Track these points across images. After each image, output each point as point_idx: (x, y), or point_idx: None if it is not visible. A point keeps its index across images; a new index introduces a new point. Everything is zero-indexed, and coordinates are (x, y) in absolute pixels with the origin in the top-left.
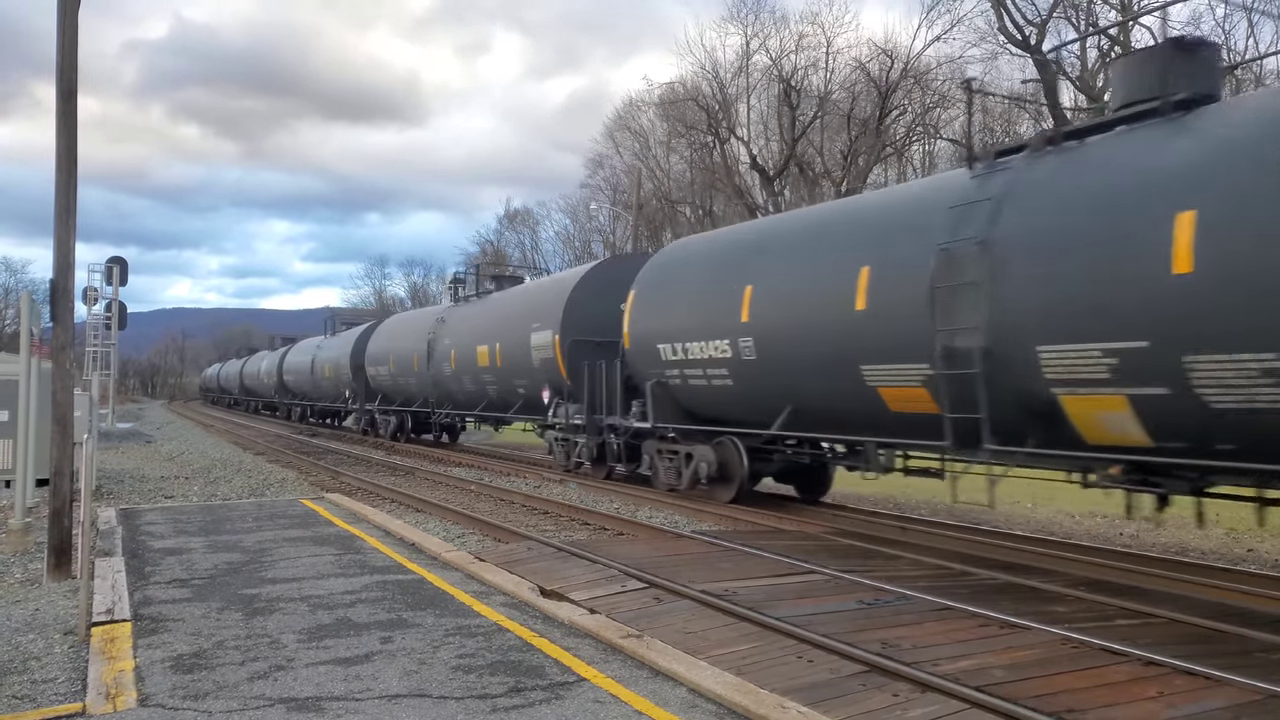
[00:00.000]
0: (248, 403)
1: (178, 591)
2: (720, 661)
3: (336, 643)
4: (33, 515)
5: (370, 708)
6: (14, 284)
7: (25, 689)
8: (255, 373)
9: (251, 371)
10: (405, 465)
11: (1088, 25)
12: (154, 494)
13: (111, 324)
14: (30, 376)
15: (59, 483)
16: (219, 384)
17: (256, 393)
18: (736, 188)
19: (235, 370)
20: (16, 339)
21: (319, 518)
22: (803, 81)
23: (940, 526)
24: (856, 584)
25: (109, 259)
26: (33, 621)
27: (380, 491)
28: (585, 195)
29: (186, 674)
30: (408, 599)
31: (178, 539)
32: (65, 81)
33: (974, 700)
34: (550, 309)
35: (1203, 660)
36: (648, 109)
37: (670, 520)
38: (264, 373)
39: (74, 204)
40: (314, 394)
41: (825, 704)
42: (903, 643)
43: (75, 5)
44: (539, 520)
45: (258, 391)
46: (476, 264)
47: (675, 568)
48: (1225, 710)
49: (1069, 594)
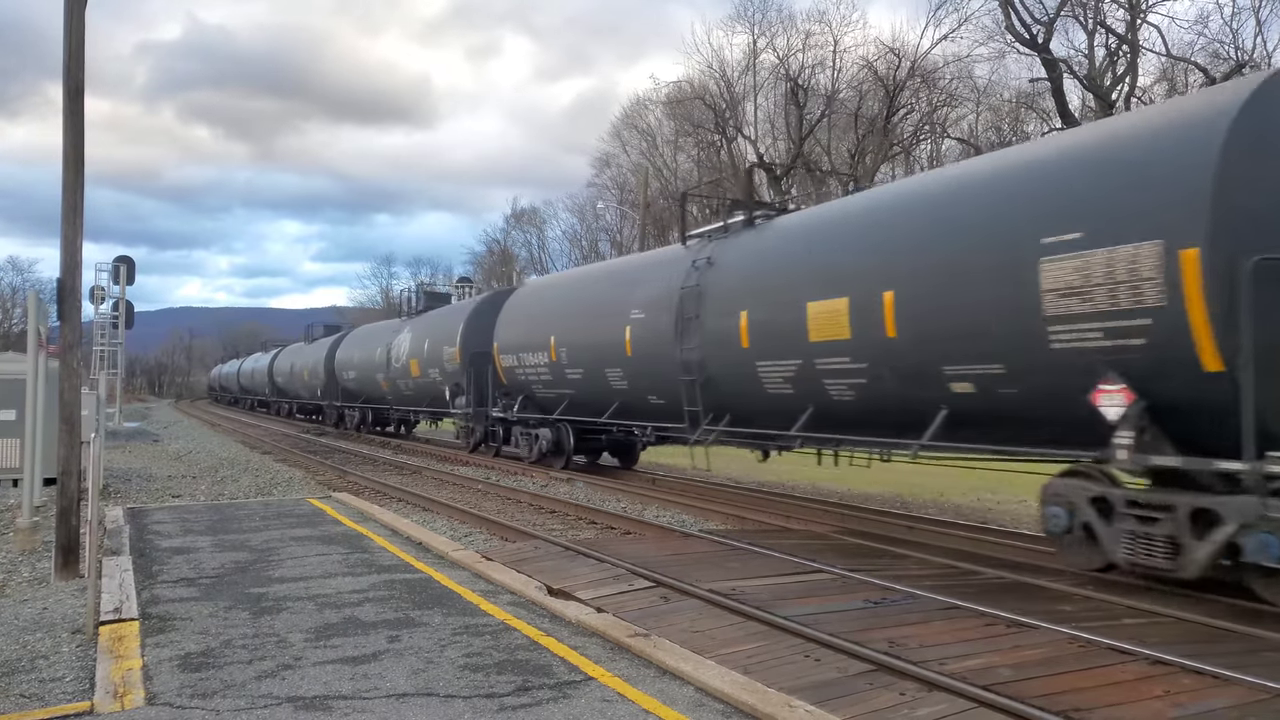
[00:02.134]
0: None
1: (185, 590)
2: (727, 660)
3: (344, 641)
4: (40, 514)
5: (378, 706)
6: (21, 283)
7: (33, 688)
8: (250, 373)
9: (247, 372)
10: (413, 464)
11: (1095, 23)
12: (161, 493)
13: (119, 323)
14: (38, 375)
15: (66, 482)
16: (221, 383)
17: (252, 391)
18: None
19: (234, 370)
20: (24, 338)
21: (326, 517)
22: (810, 80)
23: (948, 525)
24: (864, 583)
25: (116, 258)
26: (40, 620)
27: (387, 490)
28: (592, 194)
29: (194, 673)
30: (415, 598)
31: (185, 538)
32: (72, 80)
33: (981, 699)
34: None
35: (1210, 659)
36: (655, 108)
37: (677, 520)
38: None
39: (81, 203)
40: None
41: (832, 703)
42: (909, 642)
43: (82, 4)
44: (546, 519)
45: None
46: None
47: (682, 567)
48: (1232, 709)
49: (1076, 593)
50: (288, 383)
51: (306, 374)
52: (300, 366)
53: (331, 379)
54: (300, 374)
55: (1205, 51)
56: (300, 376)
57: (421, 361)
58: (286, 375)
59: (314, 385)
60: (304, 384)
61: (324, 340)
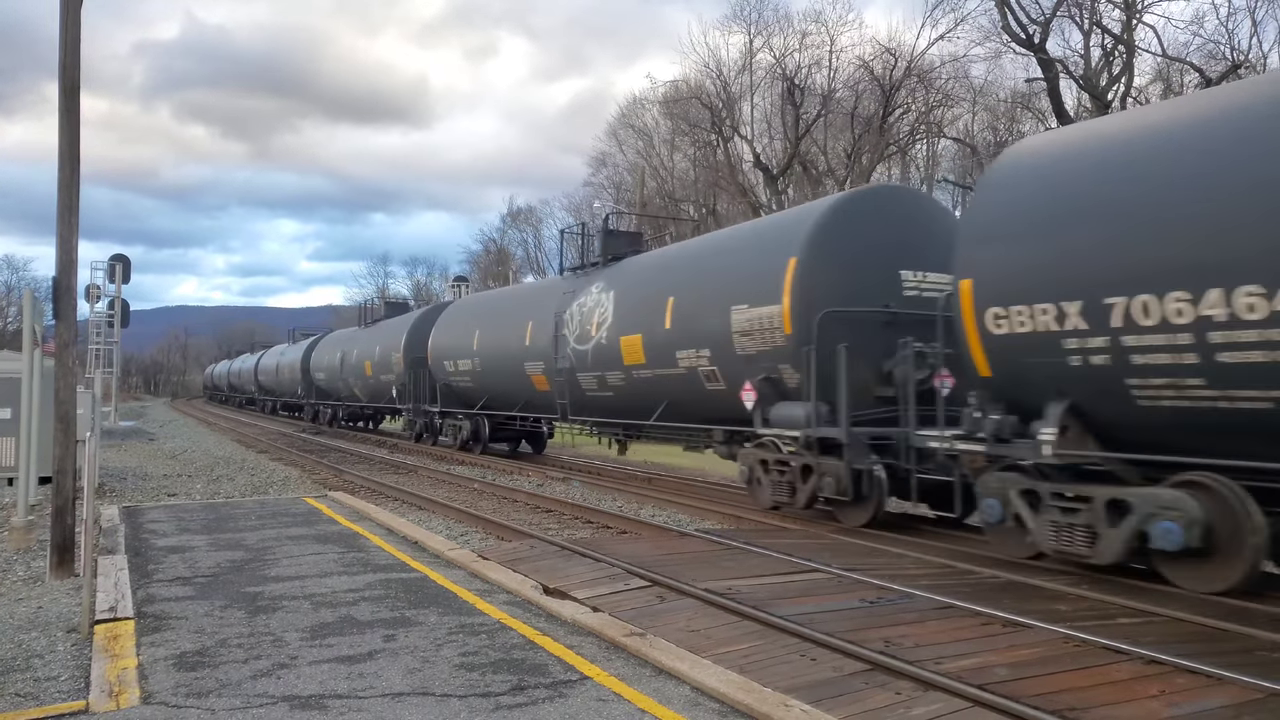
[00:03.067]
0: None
1: (181, 589)
2: (723, 660)
3: (340, 641)
4: (35, 513)
5: (373, 706)
6: (17, 281)
7: (28, 687)
8: (239, 373)
9: (236, 371)
10: (409, 464)
11: (1091, 23)
12: (157, 492)
13: (114, 321)
14: (33, 374)
15: (62, 480)
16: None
17: (240, 390)
18: (740, 186)
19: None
20: (19, 336)
21: (322, 516)
22: (806, 80)
23: (946, 525)
24: (860, 582)
25: (111, 256)
26: (36, 619)
27: (383, 489)
28: (589, 194)
29: (190, 672)
30: (411, 597)
31: (181, 537)
32: (68, 78)
33: (976, 699)
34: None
35: (1205, 659)
36: (651, 107)
37: (674, 519)
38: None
39: (76, 201)
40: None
41: (828, 702)
42: (905, 641)
43: (78, 2)
44: (542, 518)
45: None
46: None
47: (678, 566)
48: (1227, 709)
49: (1071, 592)
50: (271, 382)
51: (287, 374)
52: (282, 367)
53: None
54: (282, 374)
55: (1201, 52)
56: (282, 376)
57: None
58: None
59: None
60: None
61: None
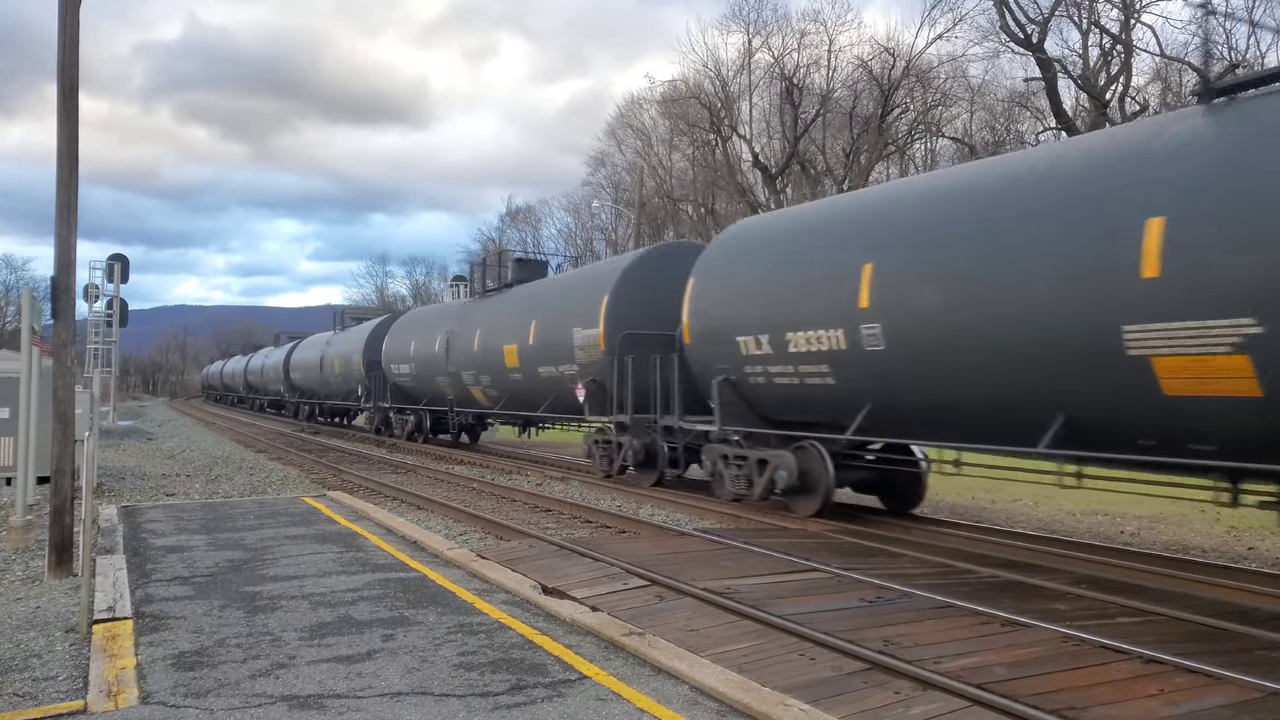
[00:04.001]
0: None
1: (179, 589)
2: (722, 659)
3: (338, 640)
4: (34, 513)
5: (372, 705)
6: (15, 281)
7: (27, 687)
8: (232, 373)
9: (229, 372)
10: (408, 463)
11: (1089, 23)
12: (155, 492)
13: (113, 321)
14: (31, 374)
15: (60, 480)
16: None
17: (233, 389)
18: (739, 186)
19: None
20: (18, 336)
21: (321, 515)
22: (805, 80)
23: (944, 525)
24: (859, 582)
25: (110, 256)
26: (34, 619)
27: (382, 489)
28: (587, 193)
29: (188, 671)
30: (409, 597)
31: (179, 536)
32: (66, 78)
33: (975, 698)
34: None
35: (1203, 658)
36: (650, 107)
37: (673, 518)
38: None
39: (75, 201)
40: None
41: (827, 702)
42: (904, 640)
43: (76, 2)
44: (541, 518)
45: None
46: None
47: (677, 565)
48: (1225, 708)
49: (1070, 592)
50: (258, 381)
51: (271, 374)
52: (267, 368)
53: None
54: (267, 374)
55: (1199, 52)
56: (267, 376)
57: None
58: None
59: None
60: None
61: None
